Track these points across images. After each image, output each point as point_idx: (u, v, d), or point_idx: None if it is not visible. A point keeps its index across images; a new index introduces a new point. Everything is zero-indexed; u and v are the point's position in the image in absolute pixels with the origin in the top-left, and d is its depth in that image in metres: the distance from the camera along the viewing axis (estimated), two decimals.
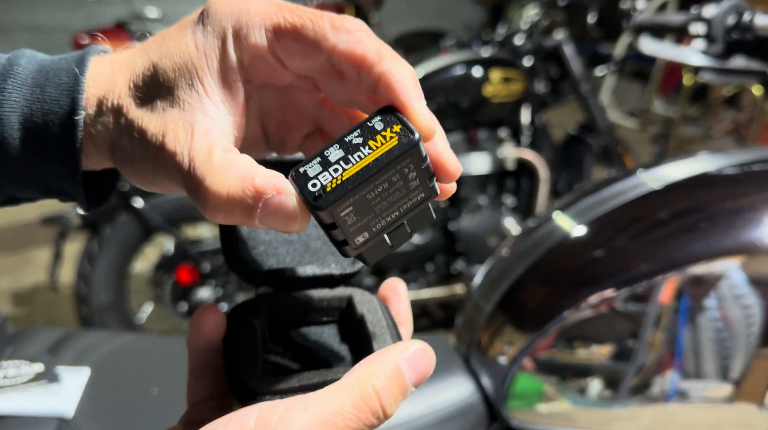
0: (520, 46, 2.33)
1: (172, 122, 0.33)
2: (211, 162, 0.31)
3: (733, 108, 5.36)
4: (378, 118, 0.32)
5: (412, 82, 0.33)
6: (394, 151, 0.31)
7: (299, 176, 0.31)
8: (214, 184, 0.31)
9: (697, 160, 0.89)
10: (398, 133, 0.31)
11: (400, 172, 0.31)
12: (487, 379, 0.88)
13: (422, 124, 0.32)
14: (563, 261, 0.84)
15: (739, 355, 0.78)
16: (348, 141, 0.31)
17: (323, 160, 0.31)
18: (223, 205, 0.31)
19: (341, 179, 0.30)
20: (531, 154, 2.36)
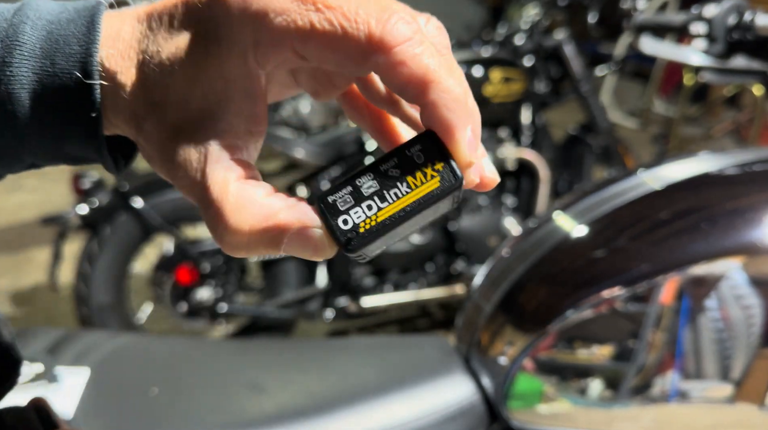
0: (521, 45, 2.33)
1: (184, 140, 0.30)
2: (228, 197, 0.29)
3: (734, 108, 5.37)
4: (418, 146, 0.29)
5: (461, 112, 0.29)
6: (434, 193, 0.29)
7: (328, 207, 0.29)
8: (234, 221, 0.29)
9: (697, 161, 0.89)
10: (440, 172, 0.29)
11: (435, 208, 0.30)
12: (487, 379, 0.88)
13: (466, 161, 0.29)
14: (564, 261, 0.84)
15: (740, 355, 0.78)
16: (383, 171, 0.29)
17: (355, 191, 0.29)
18: (245, 243, 0.29)
19: (376, 221, 0.28)
20: (531, 154, 2.36)
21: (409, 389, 0.86)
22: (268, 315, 2.22)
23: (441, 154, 0.29)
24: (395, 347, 0.97)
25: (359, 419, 0.81)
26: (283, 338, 2.34)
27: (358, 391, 0.85)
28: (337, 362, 0.91)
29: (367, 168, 0.29)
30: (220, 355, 0.94)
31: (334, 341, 1.02)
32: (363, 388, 0.85)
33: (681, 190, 0.85)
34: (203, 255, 2.12)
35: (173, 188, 2.05)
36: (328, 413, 0.81)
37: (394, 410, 0.83)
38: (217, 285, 2.16)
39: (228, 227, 0.29)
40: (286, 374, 0.88)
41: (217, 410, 0.80)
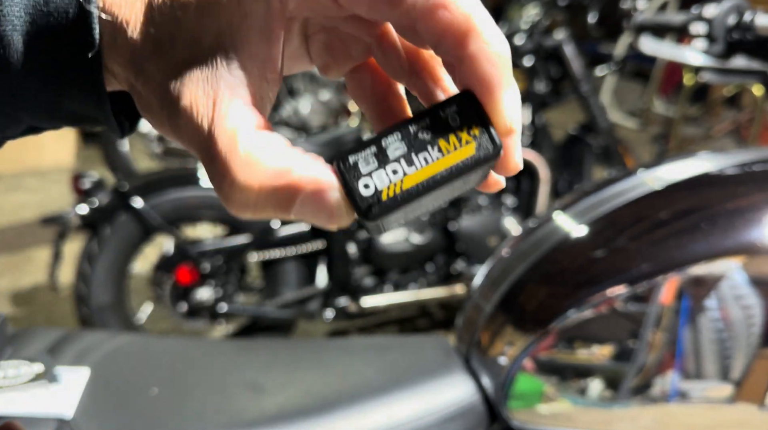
0: (521, 45, 2.33)
1: (192, 82, 0.27)
2: (237, 149, 0.26)
3: (734, 108, 5.37)
4: (454, 107, 0.26)
5: (504, 69, 0.27)
6: (468, 162, 0.25)
7: (348, 168, 0.25)
8: (242, 177, 0.25)
9: (697, 161, 0.89)
10: (477, 137, 0.26)
11: (465, 178, 0.26)
12: (487, 379, 0.88)
13: (505, 127, 0.26)
14: (564, 261, 0.84)
15: (740, 355, 0.78)
16: (413, 132, 0.26)
17: (380, 152, 0.25)
18: (253, 202, 0.26)
19: (401, 187, 0.25)
20: (531, 155, 2.37)
21: (409, 389, 0.86)
22: (268, 315, 2.22)
23: (479, 117, 0.26)
24: (395, 347, 0.97)
25: (359, 419, 0.81)
26: (283, 338, 2.34)
27: (358, 391, 0.85)
28: (337, 362, 0.91)
29: (395, 127, 0.26)
30: (220, 355, 0.94)
31: (334, 341, 1.02)
32: (363, 388, 0.85)
33: (681, 190, 0.85)
34: (203, 255, 2.12)
35: (173, 188, 2.06)
36: (328, 413, 0.81)
37: (395, 410, 0.83)
38: (217, 285, 2.16)
39: (235, 183, 0.26)
40: (286, 374, 0.88)
41: (217, 410, 0.80)
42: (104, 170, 3.60)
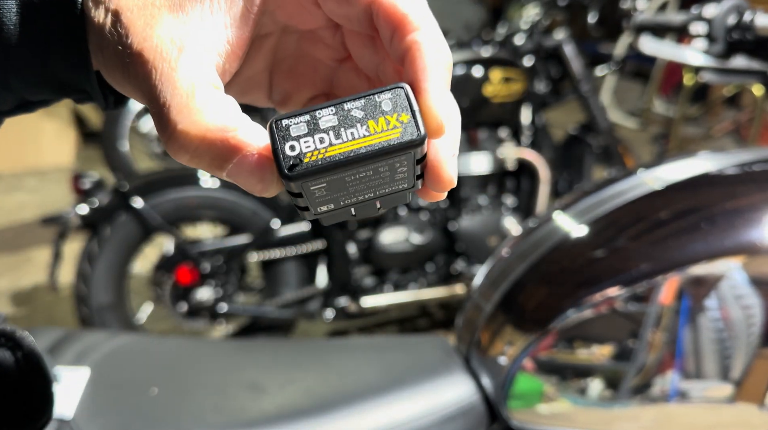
0: (521, 45, 2.34)
1: (162, 29, 0.29)
2: (195, 98, 0.27)
3: (734, 108, 5.37)
4: (388, 95, 0.28)
5: (442, 67, 0.29)
6: (392, 143, 0.27)
7: (280, 129, 0.27)
8: (192, 123, 0.27)
9: (697, 160, 0.89)
10: (404, 124, 0.27)
11: (390, 165, 0.28)
12: (487, 379, 0.88)
13: (433, 121, 0.28)
14: (563, 261, 0.85)
15: (740, 355, 0.78)
16: (346, 110, 0.27)
17: (312, 120, 0.27)
18: (194, 148, 0.27)
19: (324, 154, 0.27)
20: (531, 154, 2.37)
21: (409, 389, 0.86)
22: (268, 315, 2.22)
23: (410, 106, 0.28)
24: (395, 347, 0.97)
25: (359, 419, 0.81)
26: (283, 338, 2.34)
27: (358, 391, 0.85)
28: (337, 362, 0.91)
29: (331, 102, 0.28)
30: (220, 355, 0.94)
31: (334, 341, 1.02)
32: (363, 388, 0.85)
33: (681, 190, 0.85)
34: (203, 255, 2.12)
35: (173, 188, 2.06)
36: (327, 413, 0.81)
37: (394, 410, 0.83)
38: (217, 285, 2.16)
39: (182, 128, 0.27)
40: (286, 374, 0.88)
41: (217, 409, 0.80)
42: (104, 170, 3.61)
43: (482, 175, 2.36)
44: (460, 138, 1.14)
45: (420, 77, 0.28)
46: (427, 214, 2.36)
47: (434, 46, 0.29)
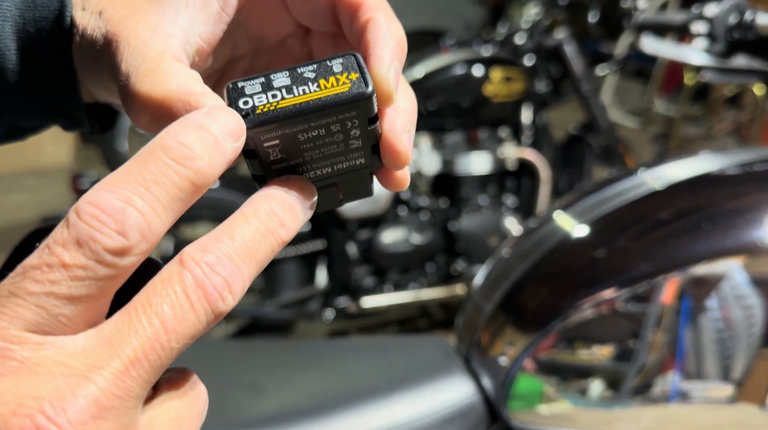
0: (521, 45, 2.33)
1: (139, 16, 0.31)
2: (161, 63, 0.29)
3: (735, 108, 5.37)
4: (340, 59, 0.29)
5: (394, 40, 0.30)
6: (340, 96, 0.28)
7: (235, 90, 0.28)
8: (156, 85, 0.28)
9: (698, 160, 0.89)
10: (353, 81, 0.28)
11: (341, 124, 0.29)
12: (487, 379, 0.88)
13: (381, 80, 0.29)
14: (564, 261, 0.85)
15: (741, 355, 0.78)
16: (299, 72, 0.29)
17: (266, 81, 0.28)
18: (154, 109, 0.28)
19: (275, 106, 0.28)
20: (532, 154, 2.37)
21: (409, 390, 0.86)
22: (267, 315, 2.22)
23: (359, 66, 0.29)
24: (395, 348, 0.97)
25: (359, 419, 0.81)
26: (283, 339, 2.34)
27: (357, 391, 0.85)
28: (336, 363, 0.91)
29: (285, 68, 0.29)
30: (220, 355, 0.94)
31: (334, 342, 1.02)
32: (363, 388, 0.85)
33: (681, 190, 0.85)
34: None
35: None
36: (327, 413, 0.81)
37: (394, 410, 0.83)
38: None
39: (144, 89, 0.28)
40: (285, 375, 0.88)
41: (216, 410, 0.81)
42: (103, 170, 3.61)
43: (482, 175, 2.36)
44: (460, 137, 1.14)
45: (372, 46, 0.30)
46: (428, 214, 2.36)
47: (387, 21, 0.31)
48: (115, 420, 0.22)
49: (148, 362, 0.23)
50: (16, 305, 0.22)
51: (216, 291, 0.24)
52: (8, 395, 0.21)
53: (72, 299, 0.22)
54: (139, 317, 0.23)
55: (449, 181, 2.36)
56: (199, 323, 0.24)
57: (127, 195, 0.23)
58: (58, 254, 0.22)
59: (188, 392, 0.27)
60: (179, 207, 0.25)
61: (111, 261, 0.22)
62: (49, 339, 0.23)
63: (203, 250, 0.25)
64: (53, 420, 0.21)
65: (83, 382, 0.22)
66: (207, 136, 0.25)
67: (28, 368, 0.22)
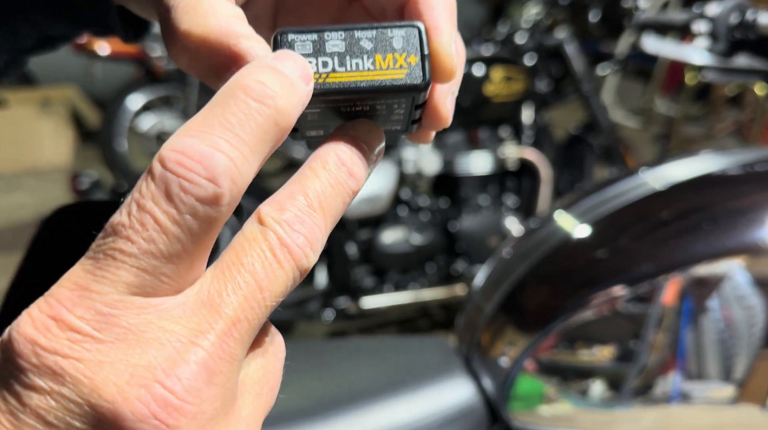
0: (522, 44, 2.33)
1: None
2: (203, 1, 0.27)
3: (736, 107, 5.37)
4: (402, 32, 0.27)
5: (452, 8, 0.29)
6: (395, 84, 0.26)
7: (285, 43, 0.26)
8: (197, 23, 0.26)
9: (699, 160, 0.89)
10: (411, 66, 0.27)
11: (387, 104, 0.28)
12: (488, 380, 0.88)
13: (447, 64, 0.28)
14: (565, 262, 0.85)
15: (742, 356, 0.78)
16: (356, 38, 0.26)
17: (319, 41, 0.26)
18: (195, 48, 0.26)
19: (325, 79, 0.26)
20: (533, 154, 2.37)
21: (409, 391, 0.86)
22: None
23: (421, 49, 0.27)
24: (395, 348, 0.97)
25: (359, 420, 0.81)
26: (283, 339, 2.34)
27: (357, 392, 0.85)
28: (336, 364, 0.91)
29: (342, 26, 0.27)
30: None
31: (334, 342, 1.02)
32: (363, 389, 0.85)
33: (682, 190, 0.85)
34: None
35: None
36: (327, 415, 0.81)
37: (395, 411, 0.83)
38: None
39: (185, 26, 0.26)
40: (285, 376, 0.87)
41: None
42: (102, 170, 3.62)
43: (483, 175, 2.36)
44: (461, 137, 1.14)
45: (431, 16, 0.28)
46: (428, 214, 2.36)
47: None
48: (222, 386, 0.22)
49: (248, 321, 0.23)
50: (116, 268, 0.21)
51: (299, 248, 0.24)
52: (119, 364, 0.21)
53: (171, 257, 0.22)
54: (234, 276, 0.23)
55: (450, 181, 2.36)
56: (288, 280, 0.24)
57: (212, 139, 0.22)
58: (149, 209, 0.21)
59: (269, 347, 0.27)
60: (265, 150, 0.24)
61: (204, 212, 0.22)
62: (152, 301, 0.22)
63: (280, 208, 0.24)
64: (170, 389, 0.21)
65: (191, 347, 0.22)
66: (282, 77, 0.24)
67: (135, 334, 0.21)
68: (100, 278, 0.21)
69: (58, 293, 0.22)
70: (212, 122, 0.22)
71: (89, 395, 0.20)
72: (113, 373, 0.21)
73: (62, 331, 0.21)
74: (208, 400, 0.22)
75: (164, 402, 0.21)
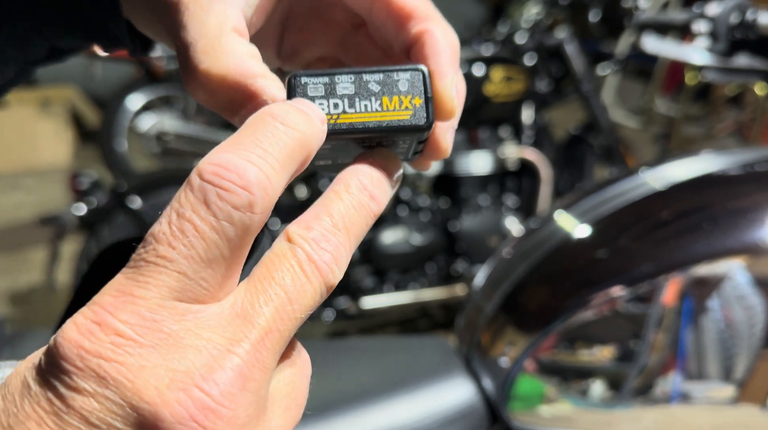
0: (522, 44, 2.33)
1: None
2: (221, 40, 0.29)
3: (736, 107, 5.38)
4: (407, 75, 0.29)
5: (451, 50, 0.31)
6: (401, 124, 0.29)
7: (298, 86, 0.28)
8: (215, 63, 0.28)
9: (699, 160, 0.89)
10: (416, 107, 0.29)
11: (393, 140, 0.30)
12: (488, 380, 0.88)
13: (447, 105, 0.30)
14: (565, 262, 0.85)
15: (742, 356, 0.78)
16: (365, 81, 0.29)
17: (330, 84, 0.28)
18: (213, 87, 0.29)
19: (336, 120, 0.28)
20: (533, 154, 2.37)
21: (409, 391, 0.86)
22: None
23: (424, 91, 0.29)
24: (395, 349, 0.97)
25: (359, 421, 0.81)
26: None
27: (357, 393, 0.85)
28: (337, 364, 0.91)
29: (351, 69, 0.29)
30: None
31: (334, 343, 1.02)
32: (363, 389, 0.85)
33: (682, 190, 0.86)
34: None
35: (172, 187, 2.07)
36: (327, 415, 0.81)
37: (395, 411, 0.83)
38: None
39: (204, 66, 0.28)
40: None
41: None
42: (102, 170, 3.62)
43: (483, 175, 2.36)
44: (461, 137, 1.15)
45: (435, 61, 0.30)
46: (428, 214, 2.36)
47: (443, 32, 0.31)
48: (255, 394, 0.23)
49: (279, 332, 0.24)
50: (159, 273, 0.23)
51: (326, 265, 0.25)
52: (159, 369, 0.22)
53: (209, 262, 0.23)
54: (266, 289, 0.24)
55: (450, 182, 2.37)
56: (315, 294, 0.25)
57: (246, 154, 0.24)
58: (188, 217, 0.23)
59: (296, 360, 0.28)
60: (292, 168, 0.25)
61: (239, 219, 0.23)
62: (192, 308, 0.23)
63: (307, 227, 0.26)
64: (207, 392, 0.22)
65: (227, 354, 0.23)
66: (305, 114, 0.26)
67: (175, 340, 0.22)
68: (143, 283, 0.23)
69: (102, 300, 0.23)
70: (245, 141, 0.24)
71: (131, 397, 0.21)
72: (154, 376, 0.22)
73: (106, 335, 0.22)
74: (242, 406, 0.23)
75: (202, 405, 0.22)
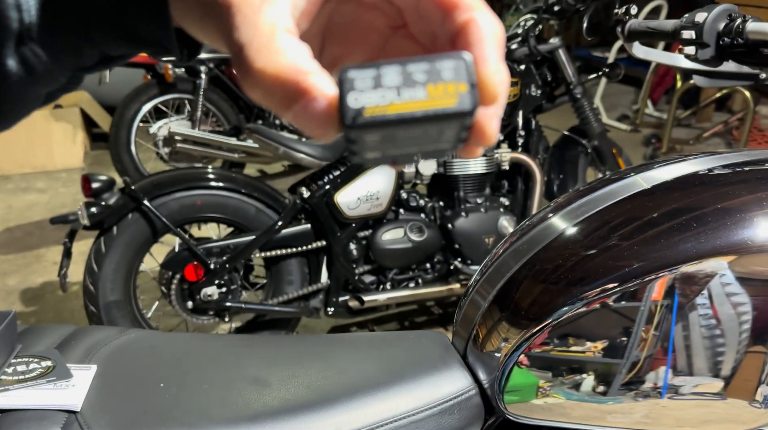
0: (515, 50, 2.35)
1: None
2: (274, 39, 0.29)
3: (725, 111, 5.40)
4: (451, 63, 0.29)
5: (496, 38, 0.31)
6: (447, 111, 0.29)
7: (347, 80, 0.29)
8: (270, 62, 0.29)
9: (689, 162, 0.90)
10: (460, 94, 0.29)
11: (439, 127, 0.30)
12: (483, 373, 0.89)
13: (491, 91, 0.30)
14: (557, 259, 0.85)
15: (730, 352, 0.79)
16: (410, 71, 0.29)
17: (377, 76, 0.29)
18: (268, 85, 0.29)
19: (384, 111, 0.29)
20: (526, 157, 2.39)
21: (407, 383, 0.86)
22: (272, 312, 2.24)
23: (468, 77, 0.29)
24: (394, 342, 0.97)
25: (359, 411, 0.82)
26: (286, 334, 2.36)
27: (358, 384, 0.85)
28: (338, 357, 0.92)
29: (397, 60, 0.29)
30: (226, 350, 0.95)
31: (335, 337, 1.03)
32: (363, 382, 0.86)
33: (672, 190, 0.85)
34: (209, 254, 2.14)
35: (181, 189, 2.08)
36: (329, 406, 0.82)
37: (393, 402, 0.84)
38: (222, 283, 2.18)
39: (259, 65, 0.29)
40: (288, 369, 0.89)
41: (222, 404, 0.81)
42: (113, 171, 3.62)
43: (479, 176, 2.38)
44: None
45: (479, 48, 0.30)
46: (426, 213, 2.39)
47: (488, 20, 0.31)
48: None
49: None
50: None
51: None
52: None
53: None
54: None
55: (447, 182, 2.39)
56: None
57: None
58: None
59: None
60: None
61: None
62: None
63: None
64: None
65: None
66: None
67: None
68: None
69: None
70: None
71: None
72: None
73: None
74: None
75: None
